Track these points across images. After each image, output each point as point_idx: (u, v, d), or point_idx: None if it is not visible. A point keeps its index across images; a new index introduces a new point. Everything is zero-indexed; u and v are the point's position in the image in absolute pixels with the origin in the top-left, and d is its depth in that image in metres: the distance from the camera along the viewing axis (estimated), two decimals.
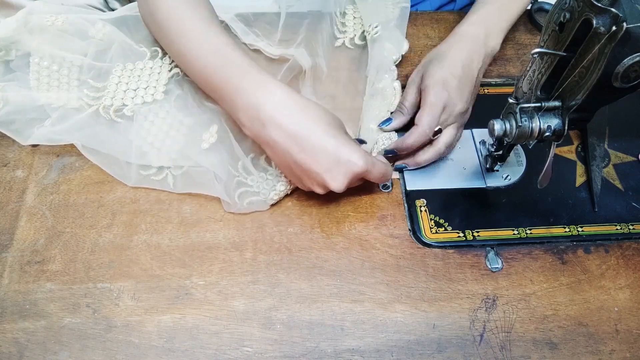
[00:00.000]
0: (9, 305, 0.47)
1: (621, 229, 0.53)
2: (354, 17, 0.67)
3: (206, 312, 0.47)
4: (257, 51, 0.64)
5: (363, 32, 0.65)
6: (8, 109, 0.56)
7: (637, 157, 0.58)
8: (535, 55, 0.41)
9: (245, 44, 0.64)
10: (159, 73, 0.59)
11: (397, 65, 0.62)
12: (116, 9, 0.66)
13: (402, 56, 0.63)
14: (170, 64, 0.60)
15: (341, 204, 0.54)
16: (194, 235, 0.52)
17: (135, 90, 0.57)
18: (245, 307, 0.48)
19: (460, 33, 0.59)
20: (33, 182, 0.54)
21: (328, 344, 0.46)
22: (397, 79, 0.60)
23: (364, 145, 0.54)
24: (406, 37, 0.64)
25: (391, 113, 0.58)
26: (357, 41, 0.65)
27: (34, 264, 0.49)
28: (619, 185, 0.56)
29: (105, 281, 0.49)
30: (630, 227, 0.53)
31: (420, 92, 0.55)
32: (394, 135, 0.56)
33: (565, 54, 0.39)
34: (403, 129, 0.57)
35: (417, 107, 0.55)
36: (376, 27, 0.62)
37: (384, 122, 0.57)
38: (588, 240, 0.52)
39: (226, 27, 0.64)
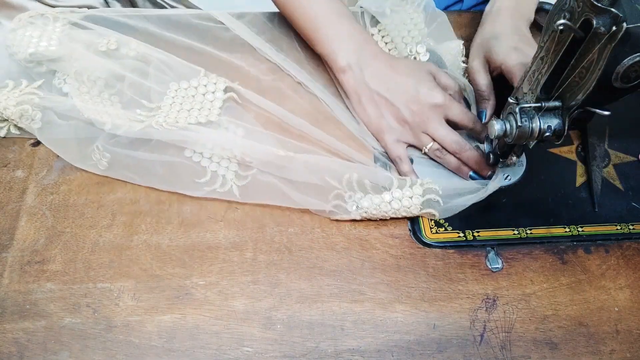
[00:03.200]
0: (9, 305, 0.47)
1: (621, 229, 0.53)
2: (382, 37, 0.65)
3: (206, 312, 0.47)
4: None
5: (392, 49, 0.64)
6: (57, 129, 0.55)
7: (637, 157, 0.58)
8: (560, 27, 0.40)
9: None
10: (213, 92, 0.57)
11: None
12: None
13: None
14: (225, 82, 0.58)
15: None
16: (194, 235, 0.52)
17: (189, 110, 0.56)
18: (245, 307, 0.48)
19: (494, 10, 0.60)
20: (33, 182, 0.54)
21: (328, 344, 0.46)
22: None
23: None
24: None
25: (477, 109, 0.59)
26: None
27: (34, 264, 0.49)
28: (619, 185, 0.56)
29: (106, 281, 0.49)
30: (631, 227, 0.53)
31: (489, 74, 0.58)
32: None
33: (583, 34, 0.39)
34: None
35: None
36: (418, 43, 0.62)
37: (480, 117, 0.57)
38: (588, 240, 0.52)
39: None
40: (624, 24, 0.35)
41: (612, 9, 0.35)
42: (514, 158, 0.53)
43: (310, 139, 0.56)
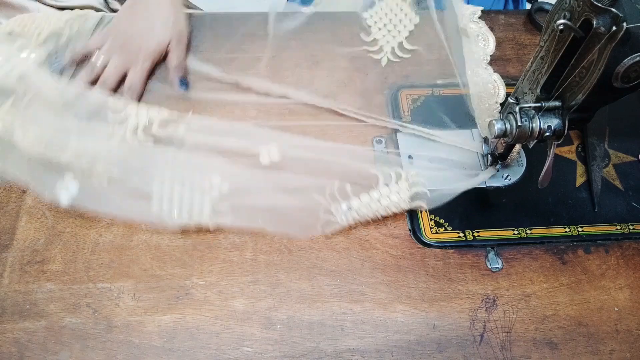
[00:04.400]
0: (9, 305, 0.47)
1: (621, 229, 0.53)
2: (379, 29, 0.67)
3: (206, 312, 0.47)
4: None
5: (400, 43, 0.65)
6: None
7: (637, 157, 0.58)
8: (560, 27, 0.40)
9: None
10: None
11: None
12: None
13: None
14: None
15: None
16: (194, 235, 0.51)
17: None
18: (245, 307, 0.48)
19: None
20: None
21: (328, 344, 0.46)
22: (494, 73, 0.61)
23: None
24: None
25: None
26: (398, 52, 0.65)
27: (34, 264, 0.49)
28: (619, 185, 0.56)
29: (105, 281, 0.49)
30: (630, 227, 0.53)
31: None
32: None
33: (583, 34, 0.39)
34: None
35: None
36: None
37: None
38: (588, 240, 0.52)
39: None
40: (624, 24, 0.35)
41: (612, 9, 0.35)
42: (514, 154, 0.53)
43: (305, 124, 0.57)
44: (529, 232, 0.52)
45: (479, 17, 0.66)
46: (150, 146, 0.53)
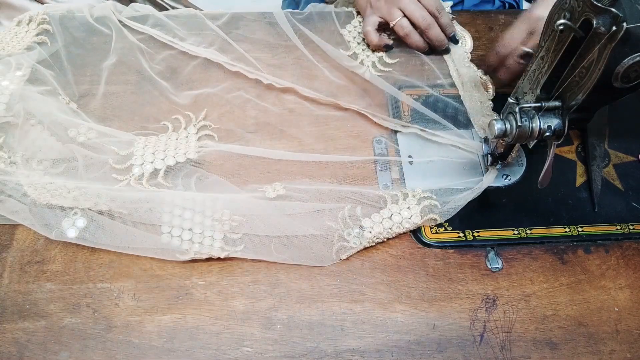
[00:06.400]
0: (9, 305, 0.47)
1: (621, 229, 0.53)
2: (358, 44, 0.66)
3: (206, 312, 0.47)
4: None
5: (381, 57, 0.65)
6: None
7: (637, 157, 0.58)
8: (560, 27, 0.40)
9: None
10: (186, 137, 0.56)
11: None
12: (120, 10, 0.66)
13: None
14: (196, 133, 0.56)
15: None
16: None
17: (164, 151, 0.54)
18: (245, 307, 0.48)
19: None
20: None
21: (328, 344, 0.46)
22: (478, 70, 0.63)
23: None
24: None
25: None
26: (380, 66, 0.64)
27: (34, 264, 0.49)
28: (619, 185, 0.56)
29: (105, 281, 0.48)
30: (630, 227, 0.53)
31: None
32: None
33: (583, 34, 0.39)
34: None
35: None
36: None
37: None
38: (588, 240, 0.52)
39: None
40: (624, 24, 0.35)
41: (612, 9, 0.35)
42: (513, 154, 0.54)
43: (308, 149, 0.56)
44: (529, 232, 0.52)
45: (453, 17, 0.68)
46: (156, 189, 0.52)
